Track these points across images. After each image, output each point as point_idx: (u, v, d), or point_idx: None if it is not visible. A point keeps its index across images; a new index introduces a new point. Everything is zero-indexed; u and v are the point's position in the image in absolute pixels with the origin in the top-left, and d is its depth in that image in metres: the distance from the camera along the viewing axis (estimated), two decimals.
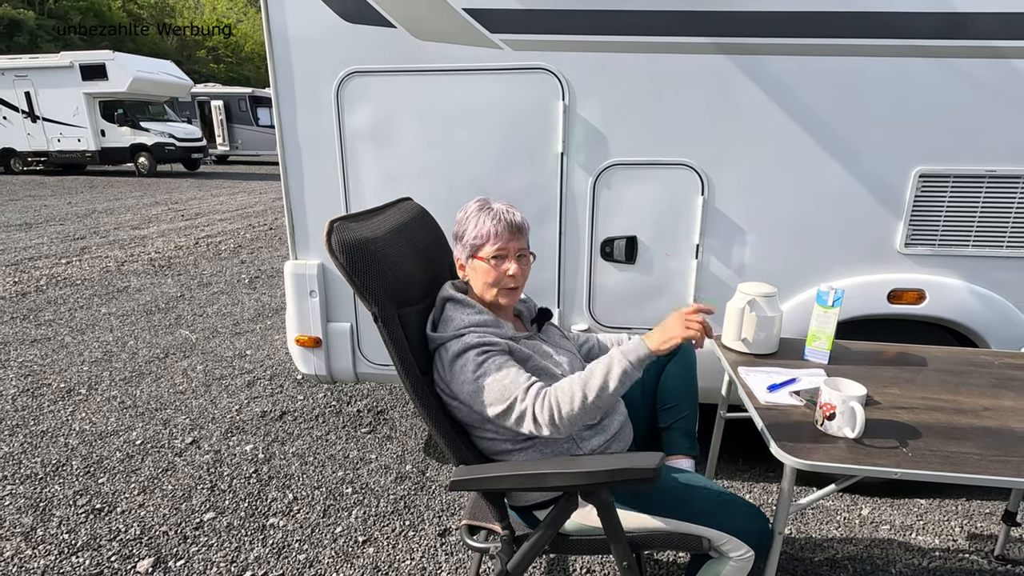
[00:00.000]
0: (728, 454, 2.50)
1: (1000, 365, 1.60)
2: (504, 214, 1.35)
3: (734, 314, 1.64)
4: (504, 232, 1.34)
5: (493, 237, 1.33)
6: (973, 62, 1.76)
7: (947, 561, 1.91)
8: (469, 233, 1.36)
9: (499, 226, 1.34)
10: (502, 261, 1.35)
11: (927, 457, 1.14)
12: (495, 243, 1.33)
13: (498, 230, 1.33)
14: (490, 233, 1.33)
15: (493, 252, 1.34)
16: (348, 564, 1.91)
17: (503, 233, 1.34)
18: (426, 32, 1.94)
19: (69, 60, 13.75)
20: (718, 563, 1.28)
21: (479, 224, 1.35)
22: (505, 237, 1.34)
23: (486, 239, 1.34)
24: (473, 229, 1.35)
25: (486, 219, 1.34)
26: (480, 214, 1.36)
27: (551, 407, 1.18)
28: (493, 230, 1.33)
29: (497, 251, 1.34)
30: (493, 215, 1.35)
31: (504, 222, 1.34)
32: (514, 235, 1.35)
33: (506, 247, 1.34)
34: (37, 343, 3.86)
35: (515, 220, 1.36)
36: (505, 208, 1.37)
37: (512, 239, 1.35)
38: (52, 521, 2.11)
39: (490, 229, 1.33)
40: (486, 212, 1.36)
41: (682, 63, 1.87)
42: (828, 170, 1.91)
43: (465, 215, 1.39)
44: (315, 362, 2.33)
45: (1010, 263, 1.93)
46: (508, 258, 1.35)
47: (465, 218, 1.38)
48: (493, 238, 1.33)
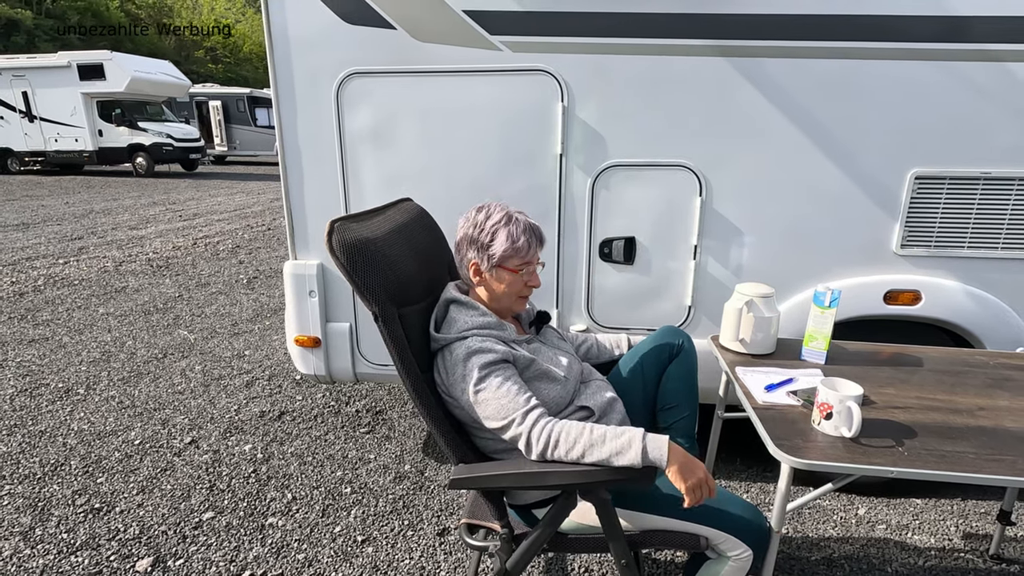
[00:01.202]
0: (726, 454, 2.51)
1: (995, 365, 1.61)
2: (532, 227, 1.37)
3: (732, 314, 1.65)
4: (535, 244, 1.36)
5: (526, 251, 1.34)
6: (969, 65, 1.78)
7: (943, 560, 1.93)
8: (499, 244, 1.33)
9: (532, 239, 1.35)
10: (527, 272, 1.37)
11: (923, 456, 1.15)
12: (528, 255, 1.35)
13: (531, 243, 1.35)
14: (523, 247, 1.34)
15: (523, 263, 1.35)
16: (347, 563, 1.92)
17: (534, 245, 1.36)
18: (426, 33, 1.95)
19: (67, 60, 13.72)
20: (717, 563, 1.29)
21: (512, 236, 1.33)
22: (535, 250, 1.36)
23: (518, 252, 1.34)
24: (504, 241, 1.33)
25: (518, 232, 1.34)
26: (511, 226, 1.34)
27: (548, 441, 1.17)
28: (526, 244, 1.34)
29: (526, 261, 1.36)
30: (523, 227, 1.35)
31: (535, 235, 1.36)
32: (540, 247, 1.38)
33: (532, 259, 1.37)
34: (35, 343, 3.85)
35: (541, 232, 1.38)
36: (526, 218, 1.38)
37: (538, 251, 1.38)
38: (51, 521, 2.11)
39: (524, 243, 1.34)
40: (516, 224, 1.34)
41: (680, 65, 1.89)
42: (825, 172, 1.92)
43: (489, 222, 1.35)
44: (314, 362, 2.34)
45: (1005, 264, 1.95)
46: (532, 270, 1.38)
47: (491, 227, 1.35)
48: (526, 251, 1.34)
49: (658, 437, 1.14)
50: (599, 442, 1.14)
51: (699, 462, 1.15)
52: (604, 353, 1.69)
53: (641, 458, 1.11)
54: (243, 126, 18.67)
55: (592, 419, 1.35)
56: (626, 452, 1.12)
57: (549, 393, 1.33)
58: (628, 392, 1.53)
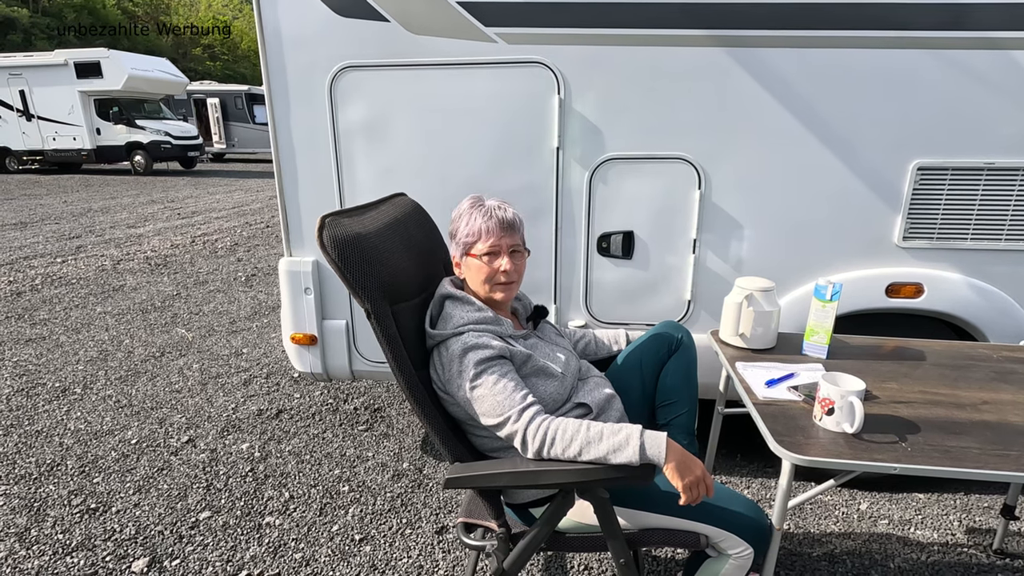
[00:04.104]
0: (726, 449, 2.49)
1: (999, 359, 1.59)
2: (496, 211, 1.35)
3: (731, 309, 1.63)
4: (496, 229, 1.33)
5: (485, 234, 1.33)
6: (972, 53, 1.75)
7: (946, 555, 1.91)
8: (461, 231, 1.36)
9: (490, 223, 1.33)
10: (495, 258, 1.34)
11: (927, 452, 1.13)
12: (487, 240, 1.33)
13: (489, 227, 1.33)
14: (481, 230, 1.33)
15: (486, 249, 1.33)
16: (344, 563, 1.90)
17: (495, 230, 1.33)
18: (420, 26, 1.92)
19: (64, 58, 13.67)
20: (717, 562, 1.27)
21: (471, 222, 1.34)
22: (497, 234, 1.33)
23: (478, 236, 1.33)
24: (465, 227, 1.35)
25: (477, 216, 1.34)
26: (472, 211, 1.35)
27: (544, 439, 1.15)
28: (484, 227, 1.33)
29: (490, 248, 1.33)
30: (484, 212, 1.34)
31: (496, 219, 1.34)
32: (506, 231, 1.34)
33: (498, 244, 1.34)
34: (32, 342, 3.83)
35: (507, 217, 1.35)
36: (497, 204, 1.37)
37: (504, 235, 1.34)
38: (47, 521, 2.09)
39: (481, 226, 1.33)
40: (478, 209, 1.35)
41: (679, 56, 1.86)
42: (826, 163, 1.90)
43: (458, 213, 1.39)
44: (311, 360, 2.32)
45: (1009, 256, 1.93)
46: (500, 255, 1.34)
47: (458, 216, 1.38)
48: (485, 235, 1.33)
49: (656, 434, 1.12)
50: (596, 439, 1.12)
51: (697, 460, 1.13)
52: (602, 349, 1.67)
53: (639, 455, 1.09)
54: (241, 123, 18.60)
55: (590, 416, 1.33)
56: (623, 449, 1.10)
57: (546, 389, 1.31)
58: (626, 388, 1.51)
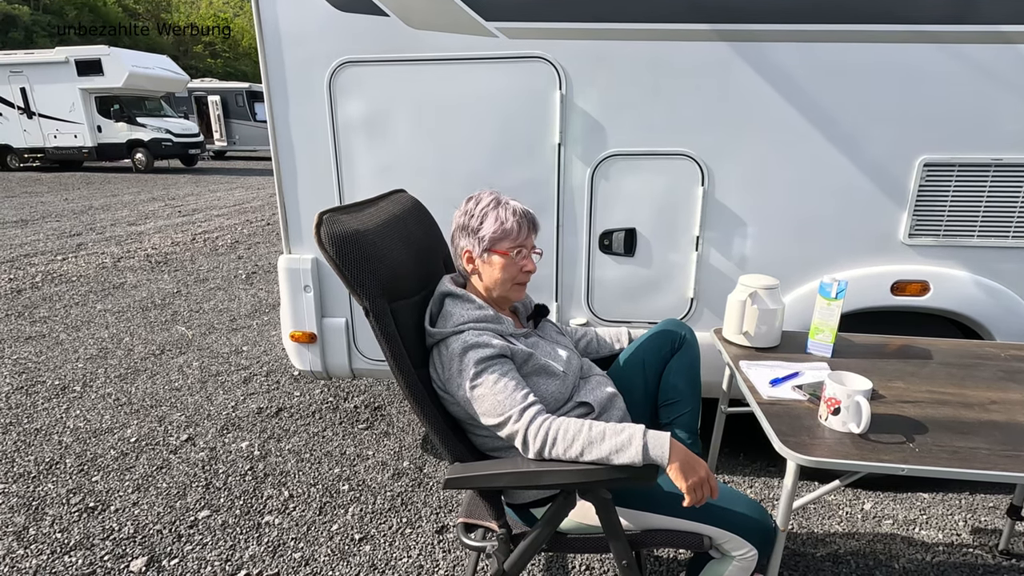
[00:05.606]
0: (729, 449, 2.47)
1: (1006, 357, 1.57)
2: (521, 209, 1.36)
3: (735, 307, 1.61)
4: (526, 227, 1.34)
5: (516, 232, 1.33)
6: (980, 48, 1.72)
7: (951, 556, 1.89)
8: (488, 227, 1.32)
9: (522, 221, 1.34)
10: (522, 256, 1.35)
11: (934, 452, 1.11)
12: (518, 238, 1.33)
13: (521, 225, 1.33)
14: (513, 228, 1.32)
15: (515, 246, 1.33)
16: (344, 562, 1.89)
17: (525, 228, 1.34)
18: (420, 21, 1.90)
19: (64, 56, 13.66)
20: (720, 563, 1.25)
21: (500, 218, 1.32)
22: (526, 232, 1.34)
23: (508, 234, 1.32)
24: (493, 223, 1.32)
25: (507, 214, 1.33)
26: (500, 209, 1.34)
27: (546, 439, 1.13)
28: (516, 225, 1.32)
29: (519, 245, 1.33)
30: (513, 210, 1.34)
31: (525, 218, 1.35)
32: (532, 231, 1.37)
33: (526, 242, 1.35)
34: (32, 340, 3.82)
35: (533, 216, 1.37)
36: (517, 203, 1.37)
37: (531, 235, 1.36)
38: (45, 520, 2.08)
39: (513, 224, 1.32)
40: (505, 207, 1.34)
41: (681, 51, 1.83)
42: (831, 159, 1.87)
43: (478, 207, 1.35)
44: (310, 358, 2.30)
45: (1016, 253, 1.90)
46: (527, 253, 1.36)
47: (480, 211, 1.34)
48: (516, 233, 1.33)
49: (659, 434, 1.10)
50: (598, 439, 1.10)
51: (701, 460, 1.12)
52: (604, 347, 1.65)
53: (642, 456, 1.07)
54: (242, 121, 18.59)
55: (592, 415, 1.31)
56: (626, 449, 1.08)
57: (548, 388, 1.29)
58: (629, 387, 1.49)
